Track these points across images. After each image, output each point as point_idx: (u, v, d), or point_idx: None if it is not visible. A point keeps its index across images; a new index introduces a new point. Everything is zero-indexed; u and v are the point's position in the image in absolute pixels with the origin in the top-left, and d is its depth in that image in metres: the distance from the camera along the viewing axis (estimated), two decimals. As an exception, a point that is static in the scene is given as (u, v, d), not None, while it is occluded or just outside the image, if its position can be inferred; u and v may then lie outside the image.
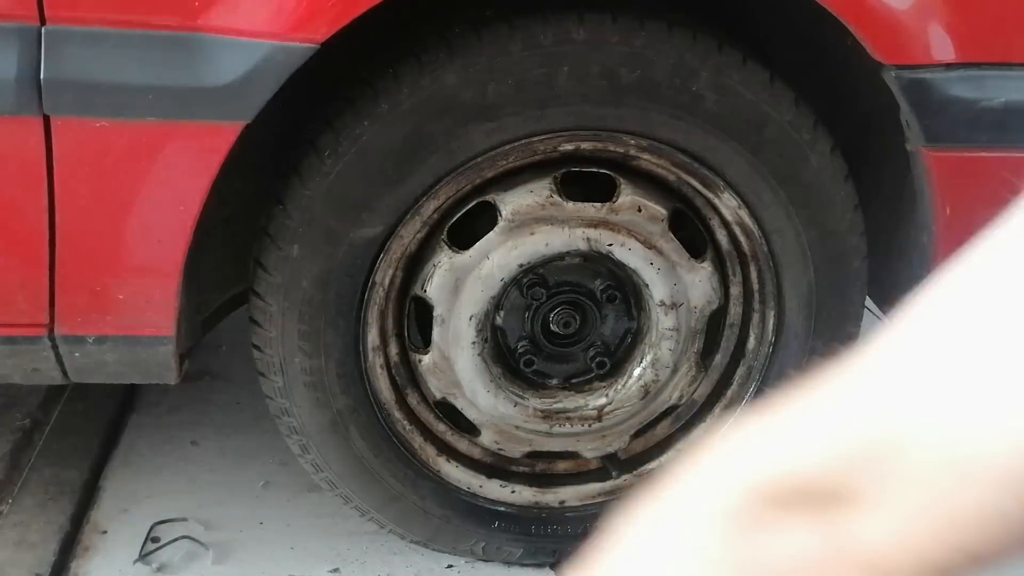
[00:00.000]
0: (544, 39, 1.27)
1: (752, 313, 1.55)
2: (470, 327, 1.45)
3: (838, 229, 1.44)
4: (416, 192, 1.34)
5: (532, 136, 1.32)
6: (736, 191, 1.40)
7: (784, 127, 1.35)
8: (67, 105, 1.17)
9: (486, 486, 1.60)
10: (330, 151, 1.31)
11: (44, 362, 1.34)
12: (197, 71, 1.16)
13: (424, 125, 1.29)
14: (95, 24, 1.15)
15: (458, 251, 1.41)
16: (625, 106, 1.31)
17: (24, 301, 1.29)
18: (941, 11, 1.28)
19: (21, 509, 1.72)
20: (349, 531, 1.72)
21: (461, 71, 1.27)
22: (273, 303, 1.39)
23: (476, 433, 1.57)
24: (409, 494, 1.56)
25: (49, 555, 1.62)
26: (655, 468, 1.64)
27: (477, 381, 1.49)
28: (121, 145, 1.20)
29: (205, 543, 1.66)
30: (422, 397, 1.55)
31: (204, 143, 1.21)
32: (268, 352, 1.43)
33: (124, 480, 1.82)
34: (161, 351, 1.35)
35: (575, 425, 1.56)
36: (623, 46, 1.28)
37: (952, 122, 1.31)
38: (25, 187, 1.22)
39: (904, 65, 1.28)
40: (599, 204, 1.41)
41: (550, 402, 1.55)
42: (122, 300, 1.30)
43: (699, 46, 1.30)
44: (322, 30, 1.17)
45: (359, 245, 1.36)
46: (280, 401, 1.47)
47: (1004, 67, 1.31)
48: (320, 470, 1.53)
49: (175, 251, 1.27)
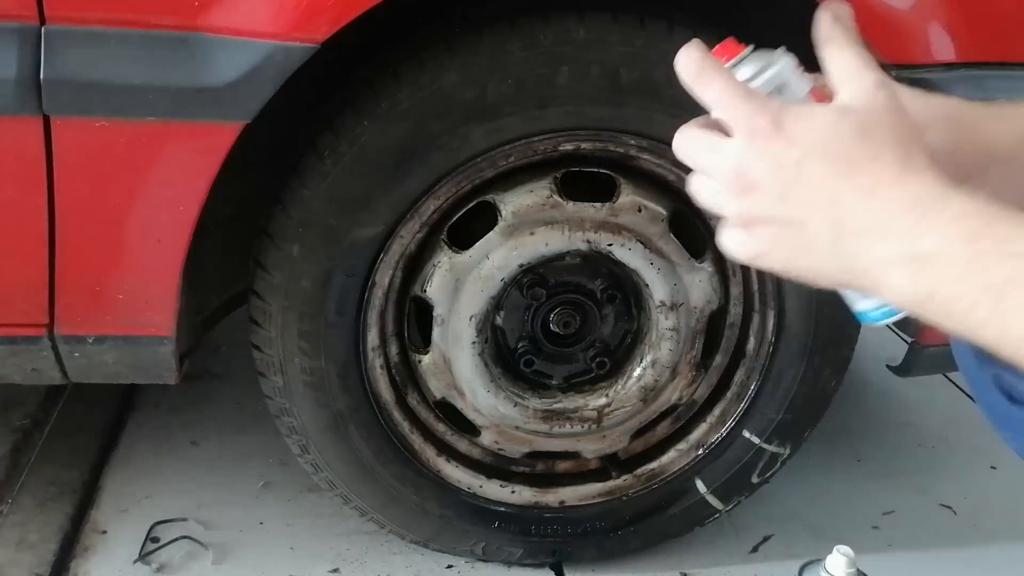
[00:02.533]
0: (544, 39, 1.27)
1: (752, 314, 1.55)
2: (470, 327, 1.45)
3: (838, 229, 1.44)
4: (416, 192, 1.34)
5: (532, 136, 1.32)
6: (736, 191, 1.40)
7: (784, 127, 1.35)
8: (67, 105, 1.17)
9: (486, 486, 1.60)
10: (330, 151, 1.31)
11: (44, 362, 1.34)
12: (197, 71, 1.16)
13: (424, 125, 1.29)
14: (95, 24, 1.15)
15: (458, 251, 1.41)
16: (625, 106, 1.31)
17: (24, 301, 1.29)
18: (942, 11, 1.28)
19: (21, 509, 1.73)
20: (349, 531, 1.72)
21: (461, 70, 1.27)
22: (273, 303, 1.39)
23: (476, 433, 1.57)
24: (409, 494, 1.56)
25: (49, 555, 1.62)
26: (655, 468, 1.64)
27: (477, 381, 1.49)
28: (121, 145, 1.20)
29: (205, 543, 1.66)
30: (422, 397, 1.55)
31: (204, 143, 1.21)
32: (268, 352, 1.43)
33: (124, 480, 1.82)
34: (161, 351, 1.35)
35: (575, 425, 1.56)
36: (623, 46, 1.28)
37: (952, 122, 1.31)
38: (25, 187, 1.21)
39: (904, 65, 1.28)
40: (599, 204, 1.41)
41: (550, 402, 1.55)
42: (122, 300, 1.30)
43: (699, 46, 1.29)
44: (322, 30, 1.17)
45: (359, 245, 1.36)
46: (280, 401, 1.47)
47: (1004, 67, 1.31)
48: (320, 470, 1.53)
49: (175, 251, 1.27)
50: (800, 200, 0.67)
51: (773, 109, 0.68)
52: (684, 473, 1.63)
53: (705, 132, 0.72)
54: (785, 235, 0.69)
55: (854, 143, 0.67)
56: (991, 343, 0.63)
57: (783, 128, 0.67)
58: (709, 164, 0.72)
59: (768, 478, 1.62)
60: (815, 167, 0.67)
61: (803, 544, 1.74)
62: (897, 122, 0.68)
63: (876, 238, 0.65)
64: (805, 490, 1.89)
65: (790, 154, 0.67)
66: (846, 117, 0.68)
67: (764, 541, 1.77)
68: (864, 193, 0.66)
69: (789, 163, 0.67)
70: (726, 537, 1.77)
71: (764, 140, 0.68)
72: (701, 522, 1.67)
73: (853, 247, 0.66)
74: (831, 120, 0.68)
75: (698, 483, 1.62)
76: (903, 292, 0.65)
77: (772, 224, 0.69)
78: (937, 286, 0.63)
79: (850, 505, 1.88)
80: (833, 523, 1.82)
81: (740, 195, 0.70)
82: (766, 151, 0.68)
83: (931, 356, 1.48)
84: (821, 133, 0.67)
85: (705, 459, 1.61)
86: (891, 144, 0.67)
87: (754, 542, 1.77)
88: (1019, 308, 0.60)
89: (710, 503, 1.63)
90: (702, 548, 1.72)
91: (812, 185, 0.67)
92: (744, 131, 0.69)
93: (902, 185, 0.65)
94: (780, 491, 1.81)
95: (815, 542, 1.74)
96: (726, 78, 0.71)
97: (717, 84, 0.71)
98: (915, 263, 0.64)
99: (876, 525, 1.82)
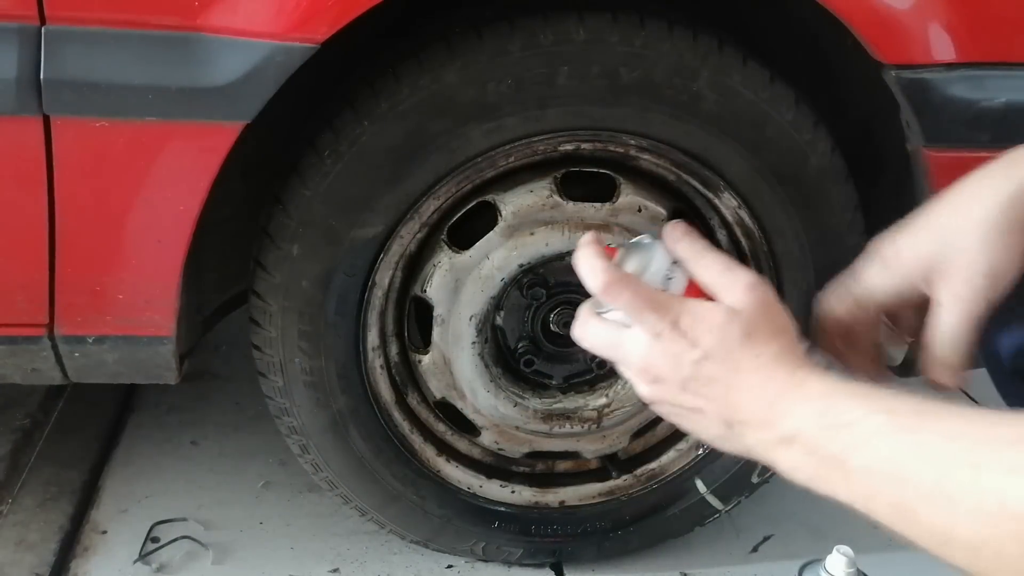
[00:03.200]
0: (544, 39, 1.27)
1: (752, 313, 1.55)
2: (470, 327, 1.45)
3: (838, 229, 1.44)
4: (416, 192, 1.34)
5: (532, 136, 1.32)
6: (736, 191, 1.40)
7: (784, 127, 1.35)
8: (67, 105, 1.17)
9: (486, 486, 1.60)
10: (330, 151, 1.31)
11: (44, 362, 1.34)
12: (197, 71, 1.16)
13: (424, 125, 1.29)
14: (95, 24, 1.15)
15: (458, 251, 1.41)
16: (625, 106, 1.31)
17: (24, 301, 1.29)
18: (942, 11, 1.28)
19: (21, 509, 1.73)
20: (349, 531, 1.72)
21: (461, 71, 1.27)
22: (273, 303, 1.39)
23: (476, 433, 1.57)
24: (409, 494, 1.56)
25: (49, 555, 1.62)
26: (655, 468, 1.64)
27: (477, 381, 1.49)
28: (121, 145, 1.20)
29: (205, 543, 1.66)
30: (422, 397, 1.55)
31: (204, 143, 1.21)
32: (268, 352, 1.43)
33: (124, 480, 1.82)
34: (161, 351, 1.35)
35: (575, 425, 1.56)
36: (623, 46, 1.28)
37: (952, 122, 1.31)
38: (25, 187, 1.21)
39: (904, 65, 1.28)
40: (599, 204, 1.41)
41: (550, 402, 1.55)
42: (122, 300, 1.30)
43: (699, 46, 1.30)
44: (322, 30, 1.17)
45: (359, 245, 1.36)
46: (280, 401, 1.47)
47: (1004, 67, 1.31)
48: (320, 470, 1.53)
49: (175, 251, 1.27)
50: (698, 392, 0.82)
51: (674, 313, 0.82)
52: (684, 473, 1.63)
53: (607, 329, 0.87)
54: (687, 415, 0.84)
55: (740, 343, 0.80)
56: (850, 504, 0.74)
57: (682, 330, 0.82)
58: (617, 356, 0.86)
59: (768, 478, 1.62)
60: (711, 366, 0.81)
61: (803, 544, 1.74)
62: (773, 316, 0.83)
63: (756, 425, 0.79)
64: (805, 490, 1.89)
65: (690, 355, 0.81)
66: (734, 321, 0.81)
67: (764, 541, 1.77)
68: (746, 388, 0.79)
69: (688, 362, 0.81)
70: (726, 537, 1.77)
71: (667, 342, 0.82)
72: (701, 522, 1.67)
73: (740, 431, 0.80)
74: (721, 324, 0.81)
75: (698, 483, 1.62)
76: (785, 467, 0.78)
77: (676, 407, 0.84)
78: (803, 461, 0.75)
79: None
80: (833, 523, 1.81)
81: (648, 383, 0.85)
82: (669, 351, 0.82)
83: (931, 356, 1.48)
84: (715, 336, 0.81)
85: (705, 459, 1.62)
86: (767, 341, 0.81)
87: (754, 542, 1.77)
88: (863, 471, 0.71)
89: (710, 503, 1.63)
90: (702, 548, 1.73)
91: (708, 381, 0.81)
92: (650, 333, 0.83)
93: (772, 378, 0.78)
94: (780, 491, 1.80)
95: (815, 542, 1.74)
96: (633, 289, 0.84)
97: (626, 295, 0.84)
98: (783, 444, 0.76)
99: (876, 525, 1.82)
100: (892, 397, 0.73)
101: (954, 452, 0.66)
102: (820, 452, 0.74)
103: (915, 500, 0.68)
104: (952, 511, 0.65)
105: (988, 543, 0.63)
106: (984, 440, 0.66)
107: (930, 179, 1.35)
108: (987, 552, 0.64)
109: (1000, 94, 1.29)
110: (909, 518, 0.69)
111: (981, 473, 0.64)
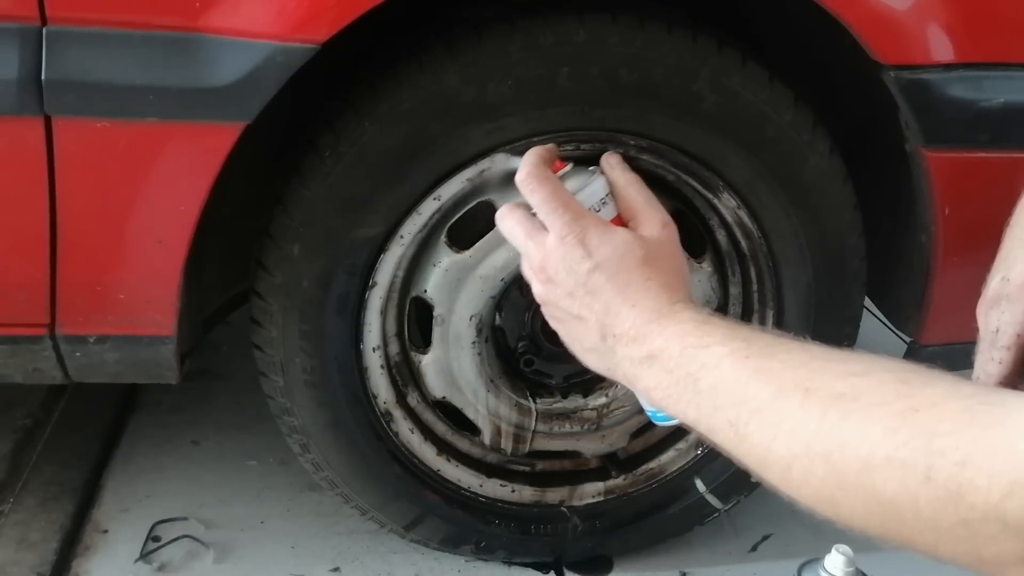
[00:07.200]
0: (544, 39, 1.27)
1: (751, 313, 1.56)
2: (470, 327, 1.45)
3: (838, 229, 1.44)
4: (416, 192, 1.34)
5: (532, 136, 1.32)
6: (735, 191, 1.40)
7: (783, 127, 1.36)
8: (68, 105, 1.17)
9: (486, 485, 1.61)
10: (330, 151, 1.31)
11: (45, 362, 1.34)
12: (198, 72, 1.17)
13: (425, 125, 1.29)
14: (96, 24, 1.15)
15: (458, 251, 1.42)
16: (625, 106, 1.31)
17: (25, 301, 1.29)
18: (941, 11, 1.28)
19: (22, 508, 1.73)
20: (350, 530, 1.72)
21: (461, 71, 1.28)
22: (274, 303, 1.39)
23: (476, 433, 1.57)
24: (409, 493, 1.56)
25: (50, 554, 1.62)
26: (654, 467, 1.65)
27: (477, 381, 1.49)
28: (122, 145, 1.20)
29: (206, 542, 1.67)
30: (422, 397, 1.55)
31: (205, 143, 1.21)
32: (269, 352, 1.43)
33: (125, 479, 1.82)
34: (162, 351, 1.35)
35: (575, 425, 1.56)
36: (623, 47, 1.28)
37: (951, 122, 1.31)
38: (26, 187, 1.22)
39: (903, 65, 1.28)
40: (599, 204, 1.41)
41: (550, 402, 1.55)
42: (123, 300, 1.31)
43: (699, 46, 1.30)
44: (323, 31, 1.17)
45: (360, 245, 1.36)
46: (281, 400, 1.48)
47: (1004, 67, 1.31)
48: (320, 469, 1.54)
49: (176, 251, 1.27)
50: (583, 302, 0.87)
51: (583, 224, 0.89)
52: (683, 472, 1.63)
53: (527, 220, 0.93)
54: (568, 321, 0.90)
55: (636, 266, 0.87)
56: (694, 427, 0.77)
57: (585, 242, 0.88)
58: (524, 248, 0.93)
59: (768, 477, 1.62)
60: (600, 278, 0.86)
61: (802, 543, 1.74)
62: (675, 256, 0.91)
63: (628, 340, 0.83)
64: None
65: (584, 264, 0.87)
66: (638, 244, 0.88)
67: (763, 540, 1.77)
68: (628, 305, 0.84)
69: (582, 271, 0.87)
70: (725, 536, 1.77)
71: (568, 247, 0.88)
72: (701, 521, 1.67)
73: (612, 345, 0.85)
74: (625, 243, 0.88)
75: (697, 482, 1.63)
76: (645, 385, 0.81)
77: (560, 311, 0.90)
78: (661, 379, 0.79)
79: (850, 504, 1.87)
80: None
81: (541, 282, 0.91)
82: (567, 256, 0.88)
83: (930, 355, 1.48)
84: (614, 253, 0.87)
85: (704, 458, 1.62)
86: (663, 272, 0.87)
87: (753, 541, 1.77)
88: (710, 390, 0.74)
89: (709, 502, 1.64)
90: (701, 547, 1.73)
91: (594, 292, 0.86)
92: (556, 235, 0.89)
93: (655, 301, 0.84)
94: (779, 490, 1.81)
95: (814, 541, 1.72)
96: (552, 188, 0.91)
97: (542, 192, 0.91)
98: (646, 360, 0.81)
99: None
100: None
101: (791, 377, 0.69)
102: (677, 372, 0.77)
103: (748, 417, 0.71)
104: (776, 428, 0.68)
105: (799, 460, 0.66)
106: (821, 371, 0.69)
107: (929, 179, 1.35)
108: (797, 470, 0.67)
109: (999, 94, 1.30)
110: (740, 434, 0.71)
111: (809, 396, 0.67)
